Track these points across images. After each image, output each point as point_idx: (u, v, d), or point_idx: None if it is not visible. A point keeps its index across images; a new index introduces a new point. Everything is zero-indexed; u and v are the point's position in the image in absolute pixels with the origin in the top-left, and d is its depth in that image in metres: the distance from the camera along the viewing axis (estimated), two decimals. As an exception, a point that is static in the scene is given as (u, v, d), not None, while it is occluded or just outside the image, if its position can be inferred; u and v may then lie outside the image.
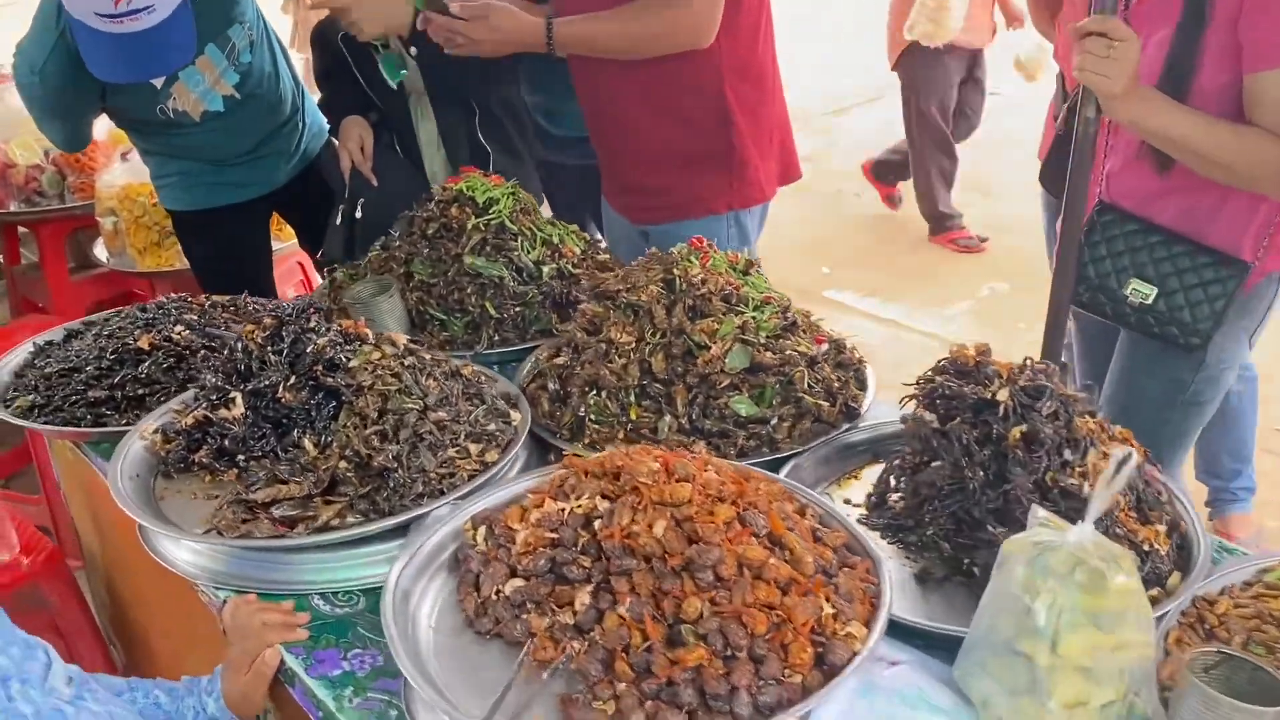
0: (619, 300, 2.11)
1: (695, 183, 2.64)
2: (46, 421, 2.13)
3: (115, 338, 2.29)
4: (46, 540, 2.38)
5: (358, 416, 1.83)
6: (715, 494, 1.43)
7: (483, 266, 2.44)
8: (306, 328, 1.92)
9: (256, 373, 1.91)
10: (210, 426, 1.90)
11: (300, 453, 1.84)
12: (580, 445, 1.97)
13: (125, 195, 3.80)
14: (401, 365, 1.89)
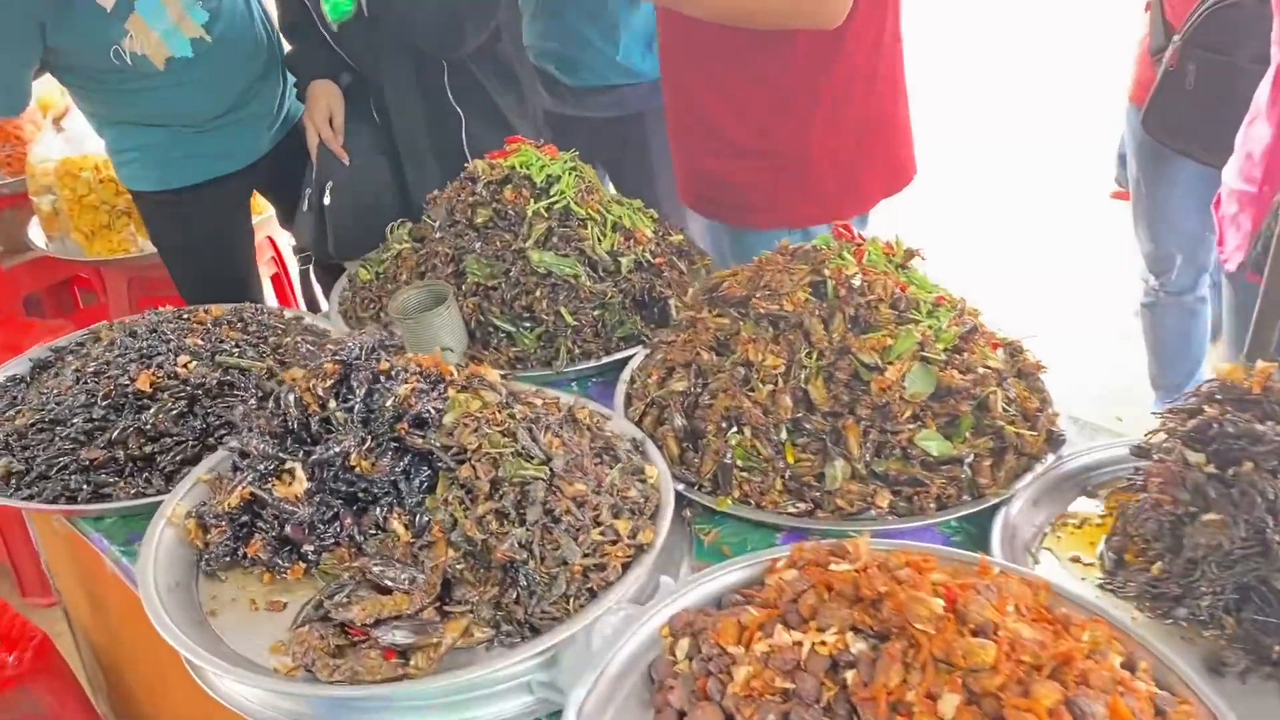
0: (754, 310, 1.70)
1: (776, 189, 2.22)
2: (31, 495, 1.67)
3: (103, 375, 1.81)
4: (31, 627, 1.92)
5: (462, 489, 1.41)
6: (1031, 660, 1.04)
7: (553, 263, 2.00)
8: (379, 372, 1.48)
9: (318, 434, 1.47)
10: (262, 507, 1.46)
11: (389, 538, 1.41)
12: (730, 500, 1.57)
13: (64, 171, 3.24)
14: (510, 416, 1.47)
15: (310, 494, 1.44)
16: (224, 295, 2.77)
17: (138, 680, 1.83)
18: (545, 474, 1.40)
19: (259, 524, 1.46)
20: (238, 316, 2.09)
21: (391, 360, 1.51)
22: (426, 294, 1.98)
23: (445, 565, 1.35)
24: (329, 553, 1.44)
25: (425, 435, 1.45)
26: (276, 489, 1.44)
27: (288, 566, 1.43)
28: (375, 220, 2.50)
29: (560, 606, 1.32)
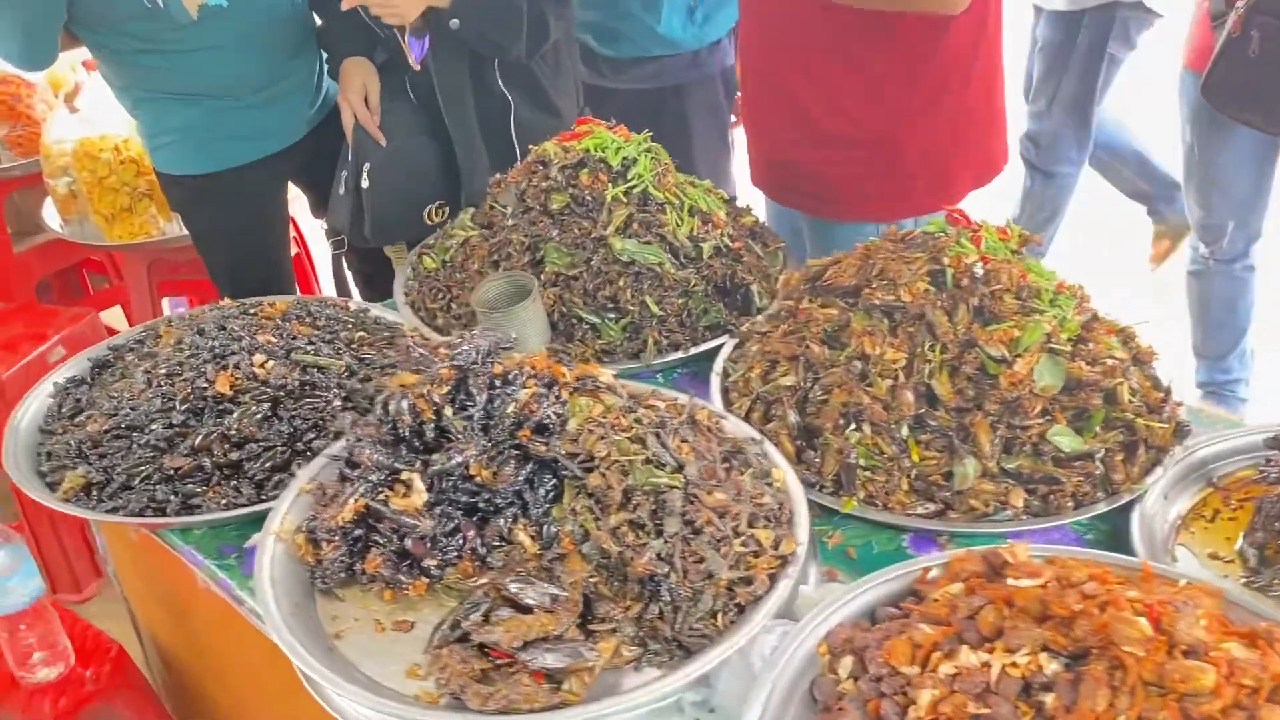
0: (868, 301, 1.63)
1: (865, 181, 2.15)
2: (116, 507, 1.59)
3: (177, 377, 1.73)
4: (106, 639, 1.85)
5: (590, 499, 1.35)
6: (1252, 682, 0.99)
7: (636, 251, 1.93)
8: (495, 376, 1.41)
9: (430, 442, 1.40)
10: (377, 520, 1.39)
11: (514, 551, 1.35)
12: (855, 501, 1.52)
13: (83, 152, 3.12)
14: (635, 421, 1.40)
15: (430, 506, 1.37)
16: (258, 281, 2.72)
17: (224, 693, 1.77)
18: (680, 482, 1.34)
19: (375, 538, 1.39)
20: (305, 310, 2.00)
21: (505, 363, 1.43)
22: (508, 285, 1.90)
23: (583, 581, 1.28)
24: (451, 567, 1.37)
25: (549, 442, 1.38)
26: (393, 501, 1.37)
27: (410, 582, 1.36)
28: (414, 203, 2.42)
29: (707, 623, 1.26)
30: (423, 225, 2.40)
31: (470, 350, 1.42)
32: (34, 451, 1.76)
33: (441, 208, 2.43)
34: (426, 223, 2.41)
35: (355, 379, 1.79)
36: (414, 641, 1.31)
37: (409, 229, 2.39)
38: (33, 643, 1.76)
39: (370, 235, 2.37)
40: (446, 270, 2.12)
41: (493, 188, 2.22)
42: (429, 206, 2.40)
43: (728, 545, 1.30)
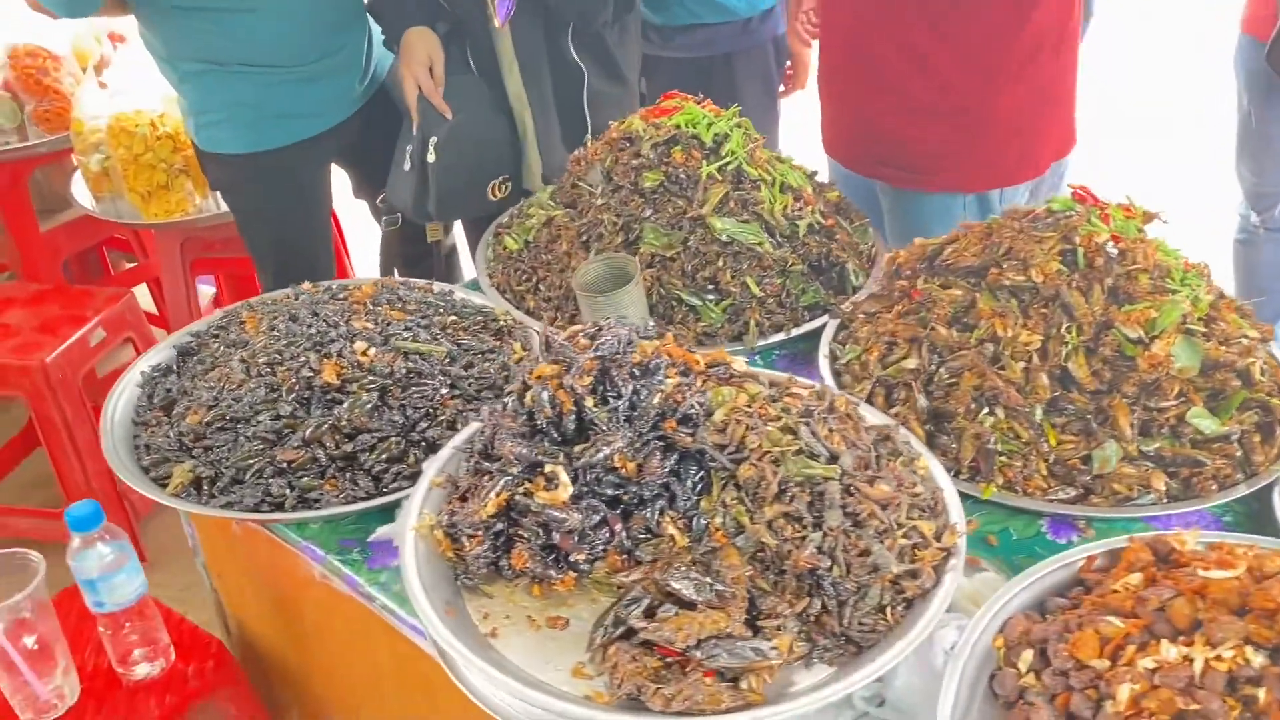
0: (998, 282, 1.61)
1: (954, 150, 2.12)
2: (230, 502, 1.55)
3: (278, 365, 1.68)
4: (204, 634, 1.81)
5: (739, 491, 1.32)
6: None
7: (735, 230, 1.89)
8: (636, 366, 1.38)
9: (568, 434, 1.37)
10: (521, 513, 1.36)
11: (662, 544, 1.32)
12: (995, 487, 1.50)
13: (118, 128, 3.03)
14: (783, 411, 1.38)
15: (575, 499, 1.34)
16: (302, 263, 2.66)
17: (330, 688, 1.74)
18: (835, 473, 1.31)
19: (518, 532, 1.36)
20: (394, 294, 1.95)
21: (641, 351, 1.39)
22: (606, 267, 1.86)
23: (743, 576, 1.26)
24: (599, 561, 1.34)
25: (694, 433, 1.35)
26: (538, 495, 1.34)
27: (559, 577, 1.33)
28: (479, 178, 2.37)
29: (876, 617, 1.24)
30: (486, 201, 2.35)
31: (612, 340, 1.38)
32: (131, 444, 1.71)
33: (505, 183, 2.38)
34: (490, 199, 2.36)
35: (458, 366, 1.74)
36: (571, 639, 1.28)
37: (473, 205, 2.33)
38: (134, 639, 1.72)
39: (434, 211, 2.32)
40: (530, 251, 2.08)
41: (570, 164, 2.17)
42: (493, 181, 2.34)
43: (891, 538, 1.28)
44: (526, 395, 1.41)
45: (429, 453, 1.60)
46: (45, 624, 1.63)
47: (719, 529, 1.31)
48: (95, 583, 1.61)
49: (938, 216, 2.14)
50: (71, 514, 1.57)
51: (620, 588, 1.33)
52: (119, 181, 3.14)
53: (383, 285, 2.01)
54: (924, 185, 2.15)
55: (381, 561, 1.49)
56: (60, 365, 2.81)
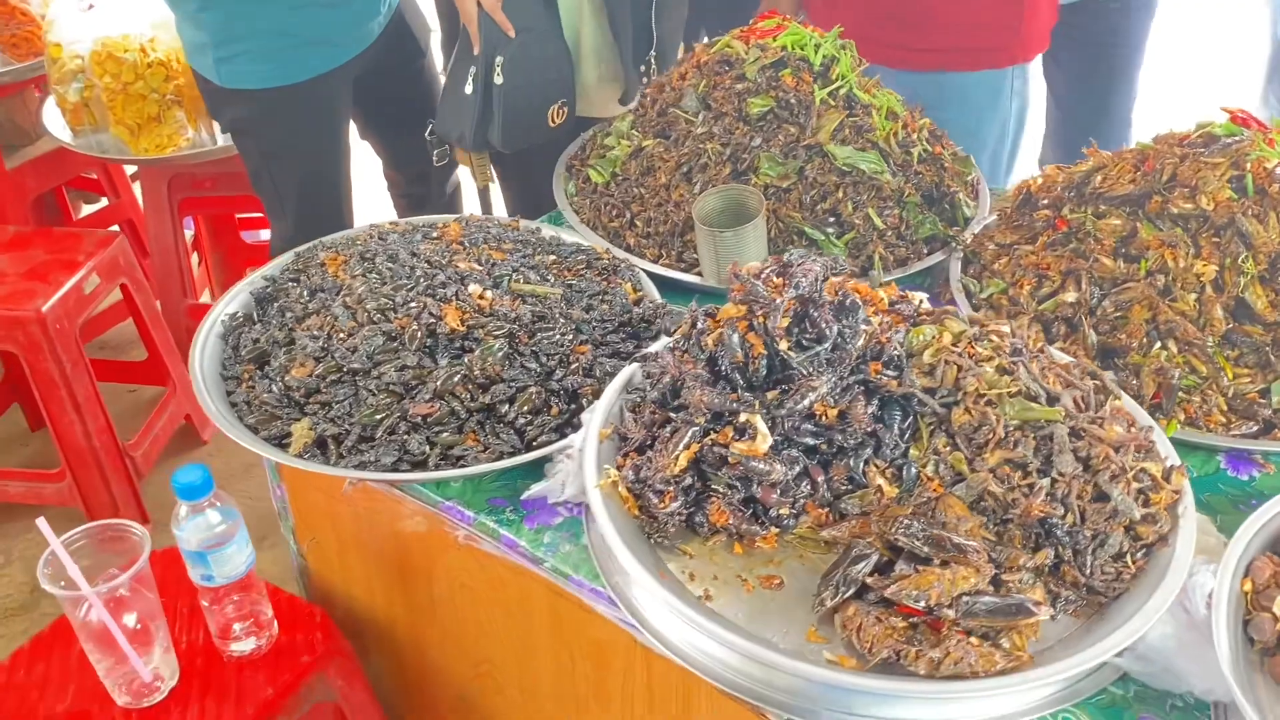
0: (1160, 209, 1.55)
1: (987, 23, 2.04)
2: (364, 463, 1.42)
3: (390, 310, 1.55)
4: (306, 605, 1.68)
5: (954, 439, 1.24)
6: None
7: (855, 159, 1.79)
8: (841, 306, 1.28)
9: (755, 378, 1.27)
10: (715, 466, 1.26)
11: (869, 494, 1.25)
12: (1178, 423, 1.45)
13: (105, 55, 2.78)
14: (994, 350, 1.30)
15: (774, 450, 1.25)
16: (328, 205, 2.51)
17: (462, 660, 1.63)
18: (1059, 415, 1.24)
19: (712, 486, 1.27)
20: (485, 232, 1.82)
21: (829, 289, 1.30)
22: (721, 199, 1.75)
23: (979, 529, 1.19)
24: (804, 515, 1.26)
25: (900, 376, 1.27)
26: (735, 446, 1.24)
27: (762, 533, 1.25)
28: (544, 100, 2.21)
29: (1118, 566, 1.18)
30: (547, 128, 2.20)
31: (808, 277, 1.28)
32: (227, 401, 1.56)
33: (563, 107, 2.23)
34: (549, 126, 2.21)
35: (577, 308, 1.63)
36: (791, 599, 1.20)
37: (536, 132, 2.18)
38: (235, 613, 1.58)
39: (500, 139, 2.16)
40: (619, 184, 1.95)
41: (650, 90, 2.05)
42: (552, 106, 2.19)
43: (1124, 482, 1.22)
44: (705, 338, 1.31)
45: (570, 403, 1.50)
46: (143, 600, 1.49)
47: (933, 478, 1.23)
48: (205, 555, 1.47)
49: (987, 99, 2.08)
50: (180, 481, 1.42)
51: (827, 543, 1.25)
52: (103, 113, 2.90)
53: (469, 222, 1.87)
54: (971, 64, 2.07)
55: (542, 520, 1.39)
56: (58, 315, 2.59)
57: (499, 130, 2.17)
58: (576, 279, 1.72)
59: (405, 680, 1.75)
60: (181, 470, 1.44)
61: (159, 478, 3.05)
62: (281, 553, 2.34)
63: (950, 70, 2.10)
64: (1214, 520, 1.31)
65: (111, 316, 3.33)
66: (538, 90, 2.19)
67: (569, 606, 1.36)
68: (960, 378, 1.26)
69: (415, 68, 2.60)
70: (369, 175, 2.91)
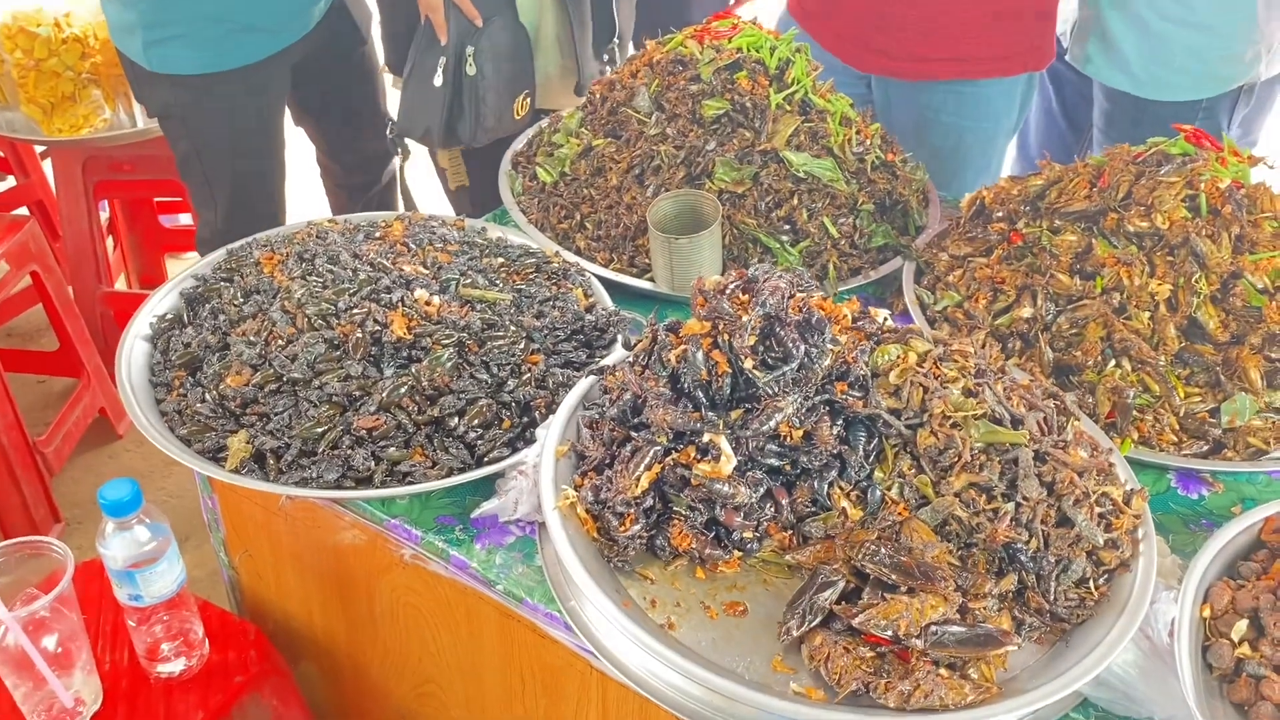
0: (1114, 226, 1.56)
1: (1009, 30, 2.04)
2: (306, 479, 1.36)
3: (332, 315, 1.48)
4: (239, 622, 1.60)
5: (919, 462, 1.23)
6: None
7: (810, 165, 1.78)
8: (806, 324, 1.26)
9: (717, 397, 1.25)
10: (677, 490, 1.23)
11: (832, 517, 1.23)
12: (1131, 442, 1.46)
13: (16, 29, 2.64)
14: (959, 371, 1.29)
15: (739, 471, 1.22)
16: (260, 197, 2.43)
17: (400, 681, 1.58)
18: (1024, 439, 1.24)
19: (674, 508, 1.24)
20: (429, 232, 1.76)
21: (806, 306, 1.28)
22: (675, 204, 1.72)
23: (945, 554, 1.18)
24: (767, 538, 1.24)
25: (866, 397, 1.25)
26: (697, 467, 1.21)
27: (725, 558, 1.22)
28: (510, 93, 2.15)
29: (1081, 592, 1.19)
30: (513, 120, 2.14)
31: (773, 294, 1.25)
32: (157, 410, 1.48)
33: (526, 99, 2.17)
34: (514, 118, 2.15)
35: (527, 315, 1.58)
36: (756, 626, 1.18)
37: (505, 123, 2.12)
38: (160, 633, 1.51)
39: (471, 133, 2.09)
40: (569, 184, 1.91)
41: (596, 87, 2.00)
42: (518, 97, 2.13)
43: (1086, 507, 1.22)
44: (668, 355, 1.28)
45: (522, 415, 1.45)
46: (65, 620, 1.41)
47: (899, 501, 1.22)
48: (133, 575, 1.39)
49: (1004, 107, 2.08)
50: (107, 497, 1.35)
51: (791, 567, 1.23)
52: (12, 90, 2.75)
53: (412, 221, 1.80)
54: (992, 71, 2.06)
55: (493, 540, 1.34)
56: (-31, 306, 2.46)
57: (471, 124, 2.10)
58: (526, 283, 1.67)
59: (343, 700, 1.69)
60: (109, 485, 1.36)
61: (71, 474, 2.93)
62: (207, 554, 2.27)
63: (971, 79, 2.09)
64: (1166, 539, 1.32)
65: (20, 302, 3.17)
66: (506, 82, 2.13)
67: (520, 629, 1.32)
68: (926, 399, 1.24)
69: (356, 55, 2.51)
70: (301, 161, 2.81)
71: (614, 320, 1.60)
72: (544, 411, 1.44)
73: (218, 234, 2.31)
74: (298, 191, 2.77)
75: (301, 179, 2.92)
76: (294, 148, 2.62)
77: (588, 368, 1.47)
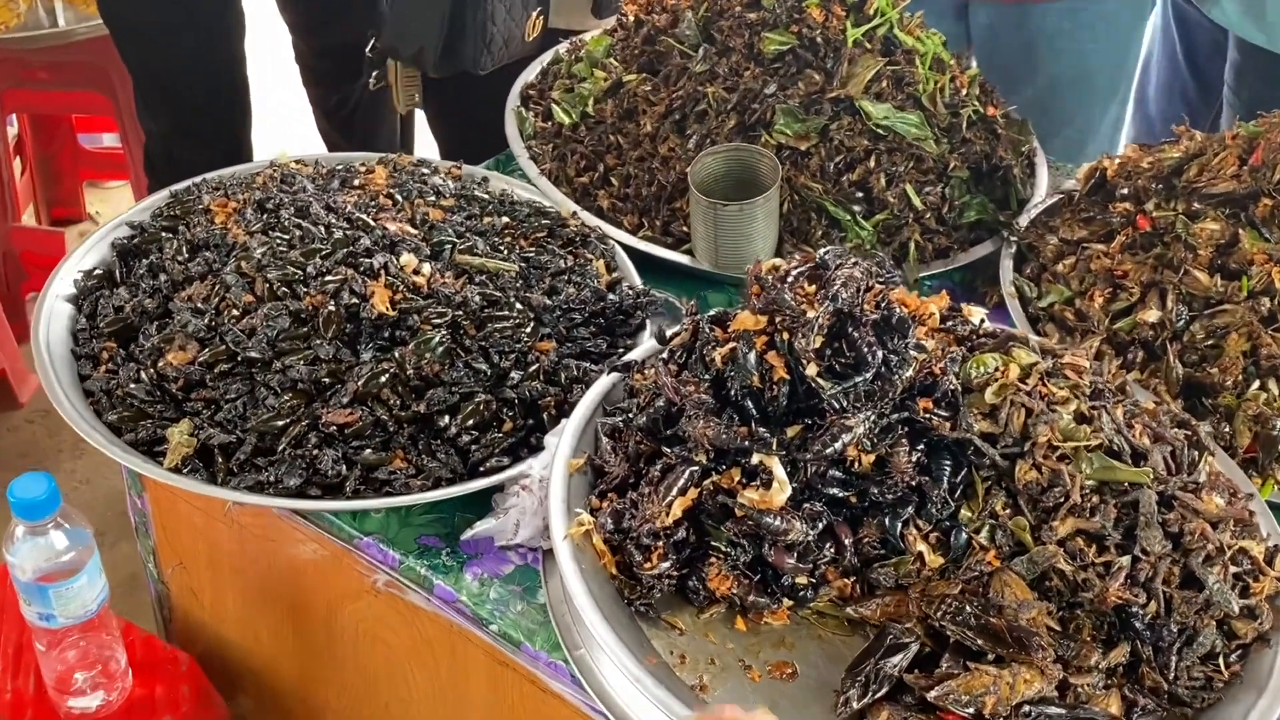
0: (1262, 215, 1.55)
1: None
2: (261, 483, 1.37)
3: (299, 282, 1.49)
4: (167, 650, 1.62)
5: (1016, 500, 1.24)
6: None
7: (893, 119, 1.78)
8: (885, 323, 1.26)
9: (772, 410, 1.25)
10: (716, 521, 1.24)
11: (905, 563, 1.24)
12: (1274, 486, 1.46)
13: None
14: (1072, 391, 1.29)
15: (794, 501, 1.23)
16: (209, 98, 2.47)
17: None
18: (1148, 477, 1.24)
19: (711, 543, 1.25)
20: (419, 180, 1.76)
21: (884, 300, 1.28)
22: (723, 162, 1.72)
23: (1044, 616, 1.18)
24: (825, 585, 1.25)
25: (955, 418, 1.26)
26: (743, 495, 1.22)
27: (774, 607, 1.23)
28: (525, 9, 2.14)
29: (1208, 670, 1.19)
30: (523, 43, 2.13)
31: (848, 285, 1.25)
32: (80, 388, 1.49)
33: (539, 17, 2.17)
34: (525, 40, 2.14)
35: (537, 291, 1.59)
36: (807, 693, 1.19)
37: (514, 46, 2.11)
38: (75, 660, 1.53)
39: (472, 55, 2.06)
40: (592, 129, 1.91)
41: (629, 7, 2.00)
42: (530, 15, 2.13)
43: (1220, 565, 1.22)
44: (712, 353, 1.28)
45: (527, 416, 1.47)
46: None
47: (988, 547, 1.22)
48: (45, 590, 1.41)
49: (1115, 28, 2.13)
50: (18, 495, 1.36)
51: (853, 622, 1.24)
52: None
53: (398, 167, 1.81)
54: None
55: (488, 569, 1.36)
56: None
57: (476, 45, 2.08)
58: (536, 251, 1.68)
59: None
60: (20, 481, 1.38)
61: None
62: (124, 556, 2.28)
63: None
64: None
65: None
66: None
67: (515, 680, 1.34)
68: (1029, 424, 1.24)
69: None
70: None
71: (643, 302, 1.61)
72: (554, 413, 1.45)
73: (165, 147, 2.36)
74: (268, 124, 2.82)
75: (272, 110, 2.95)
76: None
77: (609, 361, 1.48)
